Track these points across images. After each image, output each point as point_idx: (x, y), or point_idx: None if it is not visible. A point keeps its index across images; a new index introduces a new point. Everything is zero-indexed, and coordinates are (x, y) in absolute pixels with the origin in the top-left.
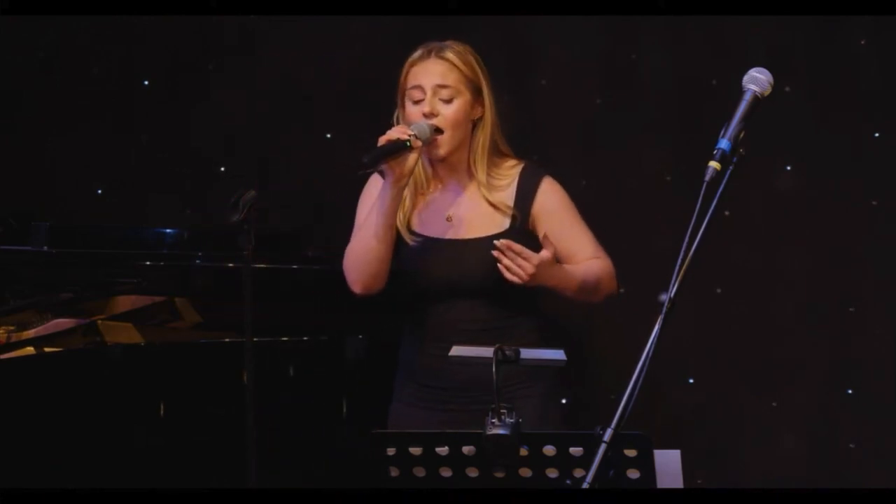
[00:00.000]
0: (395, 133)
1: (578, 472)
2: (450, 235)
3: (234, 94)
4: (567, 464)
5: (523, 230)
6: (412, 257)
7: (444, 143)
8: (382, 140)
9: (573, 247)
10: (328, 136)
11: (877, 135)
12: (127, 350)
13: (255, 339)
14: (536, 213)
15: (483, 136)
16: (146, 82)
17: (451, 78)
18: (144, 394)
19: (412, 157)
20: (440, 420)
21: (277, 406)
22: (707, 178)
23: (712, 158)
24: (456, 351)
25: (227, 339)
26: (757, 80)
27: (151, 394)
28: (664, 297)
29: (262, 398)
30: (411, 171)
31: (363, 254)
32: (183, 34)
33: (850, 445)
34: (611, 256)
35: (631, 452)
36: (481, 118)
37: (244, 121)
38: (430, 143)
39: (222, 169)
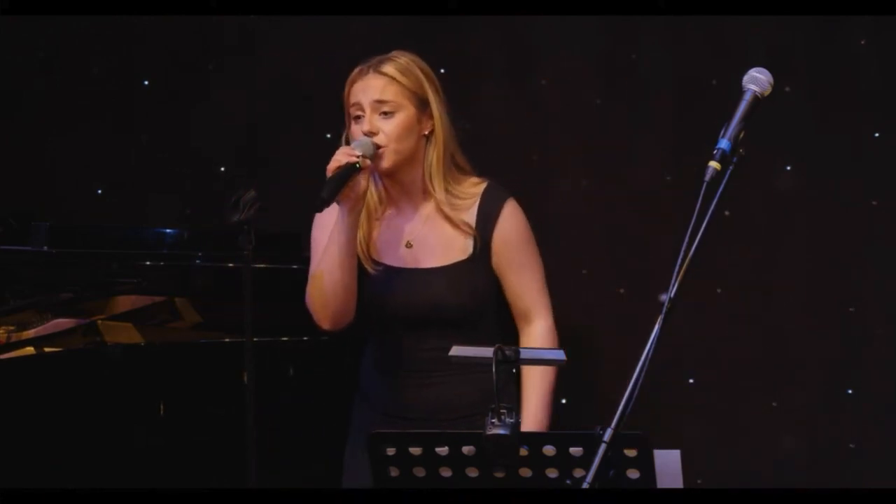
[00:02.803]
0: (342, 158)
1: (578, 472)
2: (410, 264)
3: (234, 94)
4: (567, 464)
5: (484, 257)
6: (372, 286)
7: (387, 156)
8: (331, 168)
9: (520, 287)
10: (328, 136)
11: (877, 135)
12: (127, 350)
13: (255, 339)
14: (496, 240)
15: (437, 151)
16: (146, 82)
17: (390, 92)
18: (144, 394)
19: (363, 178)
20: None
21: (277, 406)
22: (707, 178)
23: (712, 158)
24: (455, 351)
25: (227, 339)
26: (757, 80)
27: (151, 394)
28: (664, 297)
29: (262, 398)
30: (366, 193)
31: (329, 288)
32: (183, 34)
33: (850, 445)
34: (611, 256)
35: (631, 452)
36: (433, 132)
37: (244, 121)
38: (374, 158)
39: (222, 169)
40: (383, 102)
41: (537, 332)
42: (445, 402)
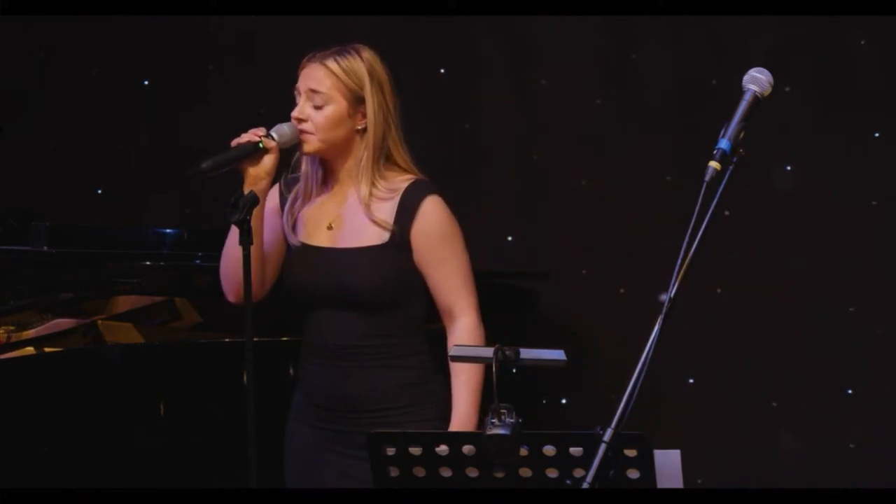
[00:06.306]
0: (245, 137)
1: (578, 472)
2: (327, 243)
3: (234, 94)
4: (567, 464)
5: (403, 244)
6: (290, 264)
7: (309, 142)
8: (234, 143)
9: (440, 283)
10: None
11: (877, 135)
12: (127, 350)
13: (255, 339)
14: (414, 235)
15: (367, 150)
16: (146, 82)
17: (326, 84)
18: (144, 394)
19: (268, 159)
20: (322, 438)
21: (277, 406)
22: (707, 178)
23: (712, 158)
24: (455, 351)
25: (227, 339)
26: (757, 80)
27: (151, 394)
28: (664, 297)
29: (262, 398)
30: (269, 173)
31: (230, 263)
32: (183, 34)
33: (850, 445)
34: (611, 256)
35: (631, 452)
36: (364, 129)
37: (244, 121)
38: (292, 143)
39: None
40: (316, 93)
41: (461, 330)
42: (358, 393)
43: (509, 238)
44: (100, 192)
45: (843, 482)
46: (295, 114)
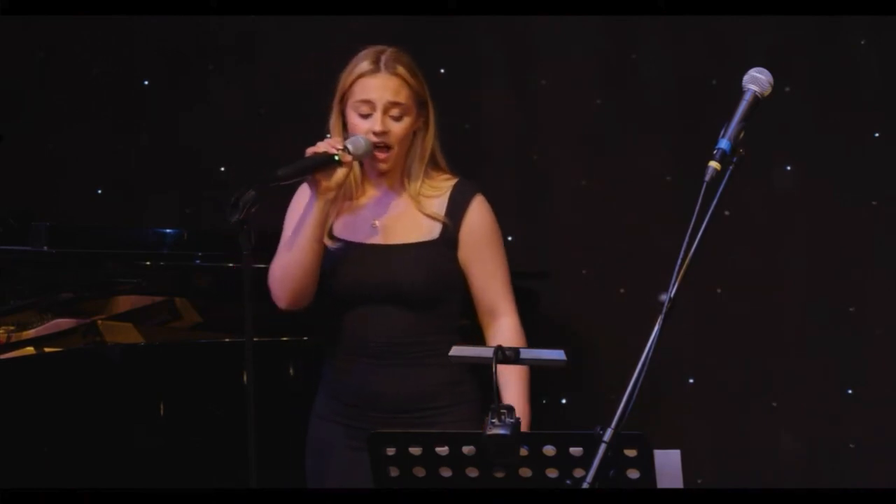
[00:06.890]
0: (322, 146)
1: (578, 472)
2: (373, 240)
3: (234, 94)
4: (567, 464)
5: (451, 240)
6: (330, 261)
7: (392, 159)
8: (309, 152)
9: (484, 280)
10: (328, 136)
11: (877, 135)
12: (127, 350)
13: (255, 339)
14: (463, 231)
15: (423, 148)
16: (146, 82)
17: (403, 95)
18: (144, 394)
19: (341, 172)
20: (348, 436)
21: (277, 406)
22: (707, 178)
23: (712, 158)
24: (455, 351)
25: (227, 339)
26: (757, 80)
27: (151, 394)
28: (664, 297)
29: (262, 398)
30: (340, 185)
31: (289, 268)
32: (183, 34)
33: (850, 445)
34: (611, 256)
35: (631, 452)
36: (421, 129)
37: (244, 121)
38: (365, 157)
39: (222, 169)
40: (397, 105)
41: (504, 328)
42: (387, 391)
43: (509, 238)
44: (100, 192)
45: (843, 482)
46: (378, 128)
